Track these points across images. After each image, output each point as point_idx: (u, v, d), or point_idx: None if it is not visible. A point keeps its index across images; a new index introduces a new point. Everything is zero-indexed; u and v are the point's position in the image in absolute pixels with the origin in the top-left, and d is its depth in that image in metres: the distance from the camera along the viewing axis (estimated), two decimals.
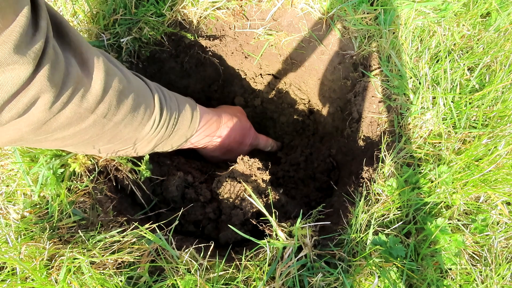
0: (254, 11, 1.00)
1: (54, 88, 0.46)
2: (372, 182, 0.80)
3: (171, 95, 0.76)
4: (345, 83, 1.06)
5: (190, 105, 0.82)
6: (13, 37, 0.39)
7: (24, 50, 0.41)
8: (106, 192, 0.80)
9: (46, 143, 0.55)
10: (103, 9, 0.90)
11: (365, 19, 0.93)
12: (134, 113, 0.62)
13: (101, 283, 0.63)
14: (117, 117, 0.59)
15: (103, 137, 0.61)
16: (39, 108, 0.46)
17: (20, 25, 0.40)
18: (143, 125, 0.66)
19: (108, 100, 0.55)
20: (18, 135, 0.49)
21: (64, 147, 0.61)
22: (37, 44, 0.42)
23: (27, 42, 0.41)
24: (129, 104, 0.60)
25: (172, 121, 0.74)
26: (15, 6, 0.39)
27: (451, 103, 0.83)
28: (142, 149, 0.74)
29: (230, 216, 0.89)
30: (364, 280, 0.67)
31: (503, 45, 0.90)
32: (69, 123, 0.52)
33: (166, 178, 0.95)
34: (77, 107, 0.51)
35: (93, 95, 0.52)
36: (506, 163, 0.77)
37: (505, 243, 0.75)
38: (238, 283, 0.66)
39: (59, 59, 0.46)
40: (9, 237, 0.66)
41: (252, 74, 1.33)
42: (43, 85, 0.44)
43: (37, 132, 0.50)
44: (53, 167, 0.72)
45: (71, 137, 0.56)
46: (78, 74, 0.49)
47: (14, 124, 0.46)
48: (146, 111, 0.66)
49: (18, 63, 0.40)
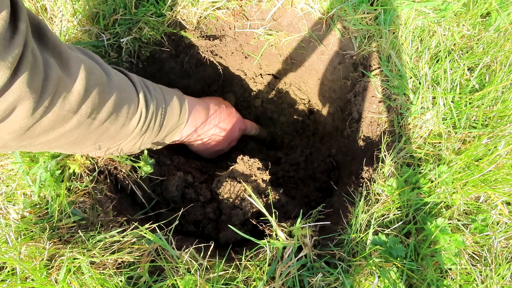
0: (254, 11, 1.00)
1: (34, 93, 0.44)
2: (372, 182, 0.80)
3: (155, 88, 0.75)
4: (345, 83, 1.06)
5: (177, 97, 0.81)
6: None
7: (2, 54, 0.39)
8: (106, 192, 0.80)
9: (31, 148, 0.54)
10: (103, 9, 0.90)
11: (365, 19, 0.93)
12: (118, 110, 0.61)
13: (101, 283, 0.63)
14: (101, 115, 0.58)
15: (90, 137, 0.60)
16: (20, 115, 0.44)
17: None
18: (129, 120, 0.65)
19: (91, 99, 0.54)
20: (1, 143, 0.48)
21: (51, 149, 0.60)
22: (16, 49, 0.40)
23: (4, 46, 0.39)
24: (112, 101, 0.59)
25: (160, 113, 0.73)
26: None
27: (451, 103, 0.83)
28: (135, 145, 0.73)
29: (230, 216, 0.89)
30: (364, 280, 0.67)
31: (503, 45, 0.90)
32: (52, 126, 0.51)
33: (166, 178, 0.95)
34: (59, 110, 0.50)
35: (75, 95, 0.51)
36: (506, 163, 0.77)
37: (505, 243, 0.75)
38: (238, 283, 0.66)
39: (38, 62, 0.45)
40: (9, 237, 0.66)
41: (252, 74, 1.33)
42: (22, 91, 0.42)
43: (20, 138, 0.48)
44: (50, 169, 0.72)
45: (56, 139, 0.55)
46: (58, 76, 0.48)
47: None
48: (131, 106, 0.64)
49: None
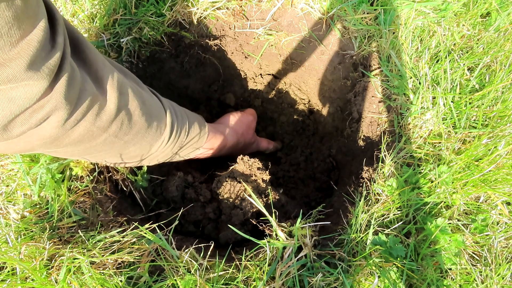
0: (254, 11, 1.00)
1: (69, 105, 0.45)
2: (372, 182, 0.80)
3: (183, 114, 0.76)
4: (345, 83, 1.06)
5: (199, 124, 0.82)
6: (29, 51, 0.38)
7: (39, 65, 0.40)
8: (106, 192, 0.80)
9: (55, 154, 0.55)
10: (103, 9, 0.90)
11: (365, 19, 0.93)
12: (144, 133, 0.62)
13: (101, 283, 0.63)
14: (128, 137, 0.59)
15: (111, 153, 0.61)
16: (52, 124, 0.45)
17: (38, 39, 0.39)
18: (151, 145, 0.66)
19: (121, 120, 0.55)
20: (29, 147, 0.48)
21: (72, 158, 0.61)
22: (53, 60, 0.41)
23: (42, 57, 0.40)
24: (140, 125, 0.60)
25: (180, 140, 0.74)
26: (33, 18, 0.38)
27: (451, 103, 0.83)
28: (147, 163, 0.75)
29: (230, 216, 0.89)
30: (364, 280, 0.67)
31: (503, 45, 0.90)
32: (80, 140, 0.51)
33: (166, 178, 0.95)
34: (90, 125, 0.50)
35: (107, 113, 0.52)
36: (506, 163, 0.77)
37: (505, 243, 0.75)
38: (238, 283, 0.66)
39: (75, 75, 0.46)
40: (9, 237, 0.66)
41: (252, 74, 1.33)
42: (58, 102, 0.43)
43: (48, 146, 0.49)
44: (51, 172, 0.72)
45: (81, 152, 0.55)
46: (93, 92, 0.49)
47: (25, 137, 0.45)
48: (157, 131, 0.65)
49: (32, 79, 0.39)
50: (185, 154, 0.83)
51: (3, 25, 0.35)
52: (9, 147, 0.48)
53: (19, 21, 0.36)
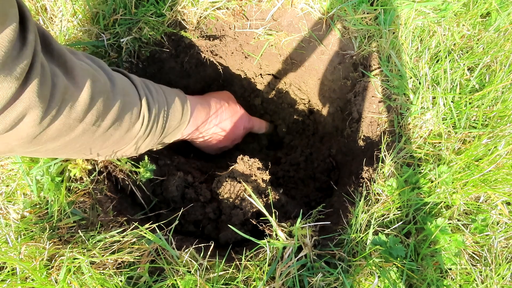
0: (254, 11, 1.00)
1: (43, 103, 0.45)
2: (372, 182, 0.80)
3: (157, 89, 0.75)
4: (345, 83, 1.06)
5: (179, 98, 0.81)
6: (1, 52, 0.37)
7: (10, 66, 0.39)
8: (106, 192, 0.80)
9: (38, 154, 0.55)
10: (103, 9, 0.90)
11: (365, 19, 0.93)
12: (122, 116, 0.62)
13: (101, 283, 0.63)
14: (106, 122, 0.58)
15: (95, 144, 0.61)
16: (28, 123, 0.45)
17: (8, 39, 0.38)
18: (132, 125, 0.65)
19: (96, 107, 0.55)
20: (8, 148, 0.48)
21: (56, 156, 0.60)
22: (25, 60, 0.41)
23: (13, 57, 0.39)
24: (116, 108, 0.59)
25: (162, 116, 0.74)
26: (4, 17, 0.38)
27: (451, 103, 0.83)
28: (138, 148, 0.74)
29: (230, 216, 0.89)
30: (364, 280, 0.67)
31: (503, 45, 0.90)
32: (58, 134, 0.51)
33: (166, 178, 0.95)
34: (66, 118, 0.50)
35: (81, 104, 0.52)
36: (506, 163, 0.77)
37: (505, 243, 0.75)
38: (238, 283, 0.66)
39: (45, 72, 0.45)
40: (9, 237, 0.66)
41: (252, 74, 1.33)
42: (32, 101, 0.43)
43: (27, 145, 0.49)
44: (50, 175, 0.71)
45: (62, 147, 0.55)
46: (65, 85, 0.49)
47: (2, 139, 0.45)
48: (134, 111, 0.65)
49: (5, 81, 0.39)
50: (174, 131, 0.81)
51: None
52: None
53: None
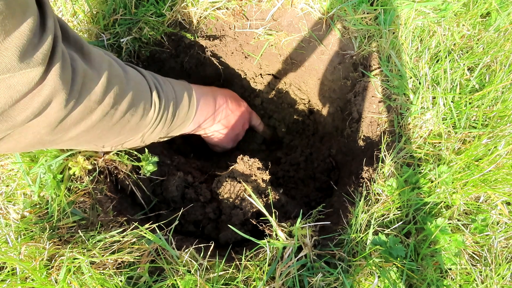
0: (254, 11, 1.00)
1: (66, 86, 0.47)
2: (372, 182, 0.80)
3: (165, 81, 0.77)
4: (345, 83, 1.06)
5: (186, 89, 0.83)
6: (22, 40, 0.39)
7: (32, 52, 0.41)
8: (106, 192, 0.80)
9: (61, 143, 0.56)
10: (103, 9, 0.90)
11: (365, 19, 0.93)
12: (137, 101, 0.63)
13: (101, 283, 0.63)
14: (123, 106, 0.60)
15: (113, 130, 0.62)
16: (55, 107, 0.47)
17: (30, 28, 0.40)
18: (146, 113, 0.67)
19: (114, 90, 0.56)
20: (37, 138, 0.49)
21: (78, 145, 0.61)
22: (45, 45, 0.42)
23: (35, 44, 0.41)
24: (131, 93, 0.61)
25: (172, 105, 0.75)
26: (23, 6, 0.39)
27: (451, 103, 0.83)
28: (148, 138, 0.75)
29: (230, 216, 0.89)
30: (364, 280, 0.67)
31: (503, 45, 0.90)
32: (81, 118, 0.53)
33: (166, 178, 0.95)
34: (87, 101, 0.52)
35: (100, 86, 0.53)
36: (506, 163, 0.77)
37: (505, 243, 0.75)
38: (238, 283, 0.66)
39: (65, 57, 0.47)
40: (9, 237, 0.66)
41: (252, 74, 1.33)
42: (56, 84, 0.45)
43: (53, 132, 0.50)
44: (53, 172, 0.72)
45: (84, 133, 0.56)
46: (83, 69, 0.50)
47: (32, 127, 0.47)
48: (147, 99, 0.66)
49: (28, 67, 0.41)
50: (181, 122, 0.83)
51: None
52: (18, 142, 0.48)
53: (11, 10, 0.37)
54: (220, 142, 1.08)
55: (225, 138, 1.07)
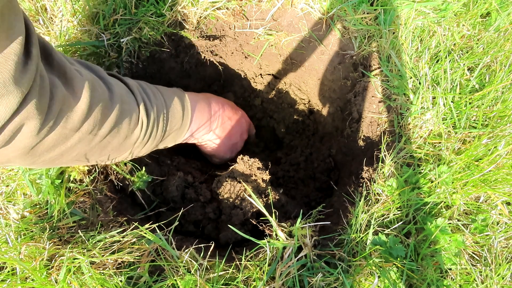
0: (254, 11, 1.00)
1: (41, 114, 0.45)
2: (372, 182, 0.80)
3: (155, 92, 0.74)
4: (345, 83, 1.06)
5: (179, 99, 0.80)
6: (8, 66, 0.38)
7: (18, 79, 0.40)
8: (106, 192, 0.80)
9: (35, 165, 0.55)
10: (103, 9, 0.90)
11: (365, 19, 0.93)
12: (120, 123, 0.61)
13: (101, 283, 0.63)
14: (103, 131, 0.58)
15: (93, 151, 0.60)
16: (26, 134, 0.45)
17: (15, 53, 0.39)
18: (131, 131, 0.65)
19: (93, 117, 0.55)
20: (5, 159, 0.48)
21: (54, 166, 0.60)
22: (30, 73, 0.41)
23: (20, 71, 0.40)
24: (114, 116, 0.59)
25: (162, 119, 0.73)
26: (8, 31, 0.38)
27: (451, 103, 0.83)
28: (139, 153, 0.73)
29: (230, 216, 0.89)
30: (364, 280, 0.67)
31: (503, 45, 0.90)
32: (54, 144, 0.51)
33: (166, 178, 0.95)
34: (62, 129, 0.50)
35: (78, 114, 0.52)
36: (506, 163, 0.77)
37: (505, 243, 0.75)
38: (238, 283, 0.66)
39: (44, 83, 0.46)
40: (9, 237, 0.66)
41: (252, 74, 1.33)
42: (30, 113, 0.43)
43: (24, 157, 0.49)
44: (50, 177, 0.71)
45: (58, 157, 0.55)
46: (63, 95, 0.49)
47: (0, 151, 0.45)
48: (132, 117, 0.64)
49: (12, 94, 0.39)
50: (176, 132, 0.81)
51: None
52: None
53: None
54: (216, 151, 1.04)
55: (221, 147, 1.03)
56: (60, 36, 0.88)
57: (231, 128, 1.03)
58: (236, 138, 1.07)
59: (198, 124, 0.89)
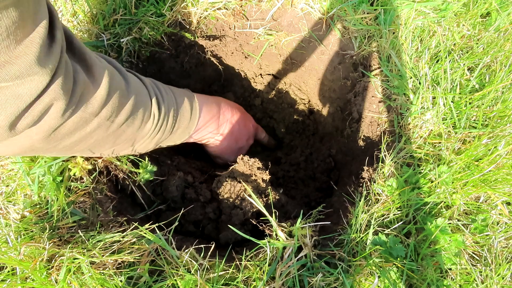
0: (254, 11, 1.00)
1: (67, 96, 0.47)
2: (372, 182, 0.80)
3: (167, 90, 0.76)
4: (345, 83, 1.06)
5: (188, 98, 0.82)
6: (33, 48, 0.40)
7: (43, 61, 0.42)
8: (106, 192, 0.80)
9: (55, 151, 0.56)
10: (103, 9, 0.90)
11: (365, 19, 0.93)
12: (135, 113, 0.63)
13: (101, 283, 0.63)
14: (120, 118, 0.60)
15: (108, 140, 0.62)
16: (52, 115, 0.47)
17: (40, 36, 0.40)
18: (144, 123, 0.67)
19: (112, 103, 0.57)
20: (29, 144, 0.49)
21: (73, 153, 0.62)
22: (55, 55, 0.43)
23: (45, 53, 0.42)
24: (130, 105, 0.61)
25: (172, 116, 0.75)
26: (34, 16, 0.40)
27: (451, 103, 0.83)
28: (146, 147, 0.75)
29: (230, 216, 0.89)
30: (364, 280, 0.67)
31: (503, 45, 0.90)
32: (75, 128, 0.53)
33: (166, 178, 0.95)
34: (82, 112, 0.52)
35: (98, 99, 0.54)
36: (506, 163, 0.77)
37: (505, 243, 0.75)
38: (238, 283, 0.66)
39: (68, 67, 0.48)
40: (9, 237, 0.66)
41: (252, 74, 1.33)
42: (57, 93, 0.45)
43: (47, 140, 0.51)
44: (52, 174, 0.72)
45: (78, 142, 0.57)
46: (84, 80, 0.51)
47: (26, 133, 0.47)
48: (146, 109, 0.66)
49: (38, 74, 0.41)
50: (183, 131, 0.82)
51: (10, 25, 0.36)
52: (9, 147, 0.48)
53: (24, 20, 0.38)
54: (222, 153, 1.06)
55: (227, 149, 1.04)
56: None
57: (238, 132, 1.05)
58: (243, 142, 1.09)
59: (205, 125, 0.91)
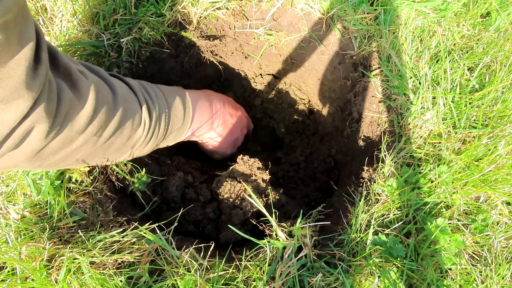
0: (254, 11, 1.00)
1: (50, 118, 0.46)
2: (372, 182, 0.80)
3: (157, 92, 0.74)
4: (345, 83, 1.06)
5: (180, 97, 0.80)
6: (19, 71, 0.39)
7: (29, 84, 0.40)
8: (106, 192, 0.80)
9: (41, 168, 0.56)
10: (103, 9, 0.90)
11: (365, 19, 0.93)
12: (123, 124, 0.62)
13: (101, 283, 0.63)
14: (107, 132, 0.59)
15: (97, 153, 0.61)
16: (35, 137, 0.46)
17: (26, 58, 0.39)
18: (134, 131, 0.65)
19: (98, 119, 0.55)
20: (13, 164, 0.49)
21: (59, 168, 0.61)
22: (40, 78, 0.42)
23: (31, 76, 0.41)
24: (118, 117, 0.60)
25: (164, 118, 0.73)
26: (20, 38, 0.39)
27: (451, 103, 0.83)
28: (141, 152, 0.73)
29: (230, 216, 0.89)
30: (364, 280, 0.67)
31: (503, 45, 0.90)
32: (60, 147, 0.52)
33: (166, 178, 0.95)
34: (68, 131, 0.51)
35: (84, 117, 0.52)
36: (506, 163, 0.77)
37: (505, 243, 0.75)
38: (238, 283, 0.66)
39: (52, 87, 0.46)
40: (9, 237, 0.66)
41: (252, 74, 1.33)
42: (40, 116, 0.44)
43: (31, 160, 0.50)
44: (50, 178, 0.71)
45: (63, 159, 0.56)
46: (69, 98, 0.49)
47: (8, 155, 0.46)
48: (135, 117, 0.65)
49: (22, 98, 0.40)
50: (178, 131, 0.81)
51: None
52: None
53: (9, 42, 0.37)
54: (218, 148, 1.05)
55: (223, 143, 1.04)
56: (60, 36, 0.88)
57: (232, 124, 1.05)
58: (237, 133, 1.09)
59: (200, 123, 0.90)
